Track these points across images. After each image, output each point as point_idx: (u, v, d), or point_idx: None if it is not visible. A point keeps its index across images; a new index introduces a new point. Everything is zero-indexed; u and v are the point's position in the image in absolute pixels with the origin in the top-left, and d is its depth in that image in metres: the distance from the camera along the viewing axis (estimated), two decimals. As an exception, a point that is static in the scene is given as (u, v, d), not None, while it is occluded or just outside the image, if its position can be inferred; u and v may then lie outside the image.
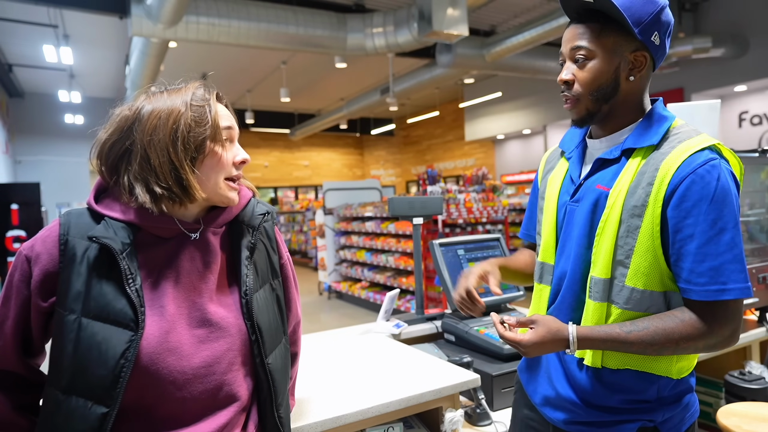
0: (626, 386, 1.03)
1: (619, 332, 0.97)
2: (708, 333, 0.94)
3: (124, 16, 5.95)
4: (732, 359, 2.05)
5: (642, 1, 0.99)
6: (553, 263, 1.15)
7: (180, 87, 0.96)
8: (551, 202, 1.16)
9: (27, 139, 11.85)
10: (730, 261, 0.93)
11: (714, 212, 0.93)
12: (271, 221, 1.08)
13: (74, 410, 0.83)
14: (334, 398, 1.37)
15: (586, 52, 1.02)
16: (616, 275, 1.01)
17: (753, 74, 7.73)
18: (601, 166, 1.08)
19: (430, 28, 5.71)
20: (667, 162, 0.97)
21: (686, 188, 0.94)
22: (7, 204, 8.70)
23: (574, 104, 1.06)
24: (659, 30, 1.00)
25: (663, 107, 1.08)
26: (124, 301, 0.86)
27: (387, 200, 4.55)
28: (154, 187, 0.89)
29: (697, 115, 2.08)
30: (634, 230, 0.99)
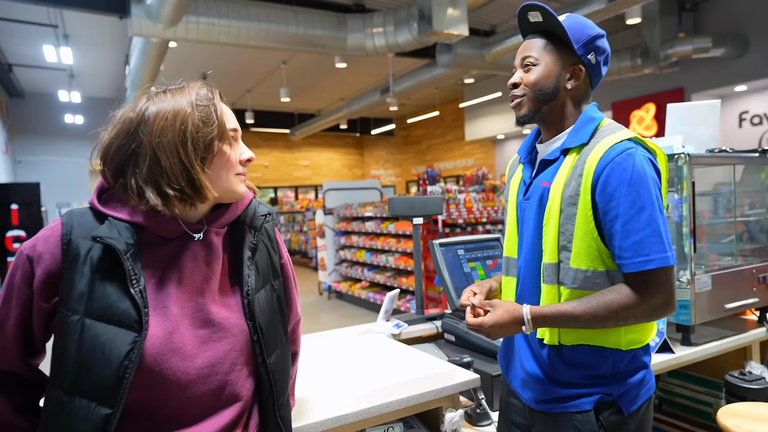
0: (584, 362, 1.16)
1: (566, 308, 1.11)
2: (642, 302, 1.08)
3: (124, 16, 5.95)
4: (732, 359, 2.05)
5: (582, 26, 1.19)
6: (516, 257, 1.29)
7: (182, 87, 0.96)
8: (512, 203, 1.32)
9: (27, 139, 11.85)
10: (650, 235, 1.07)
11: (632, 194, 1.07)
12: (271, 222, 1.09)
13: (78, 411, 0.83)
14: (334, 398, 1.37)
15: (533, 59, 1.21)
16: (562, 259, 1.15)
17: (753, 74, 7.72)
18: (544, 166, 1.24)
19: (430, 28, 5.71)
20: (592, 155, 1.13)
21: (607, 175, 1.09)
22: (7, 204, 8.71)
23: (519, 103, 1.23)
24: (596, 51, 1.20)
25: (594, 110, 1.23)
26: (128, 302, 0.86)
27: (387, 200, 4.55)
28: (166, 189, 0.88)
29: (697, 115, 2.08)
30: (572, 217, 1.13)
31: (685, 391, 2.21)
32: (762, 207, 2.29)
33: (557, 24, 1.17)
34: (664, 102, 1.55)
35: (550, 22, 1.19)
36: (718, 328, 2.00)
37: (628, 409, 1.15)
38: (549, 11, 1.17)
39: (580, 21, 1.20)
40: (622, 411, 1.15)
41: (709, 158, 1.94)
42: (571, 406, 1.17)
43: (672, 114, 2.10)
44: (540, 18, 1.19)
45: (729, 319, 2.12)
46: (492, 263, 2.12)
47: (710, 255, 2.19)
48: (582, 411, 1.15)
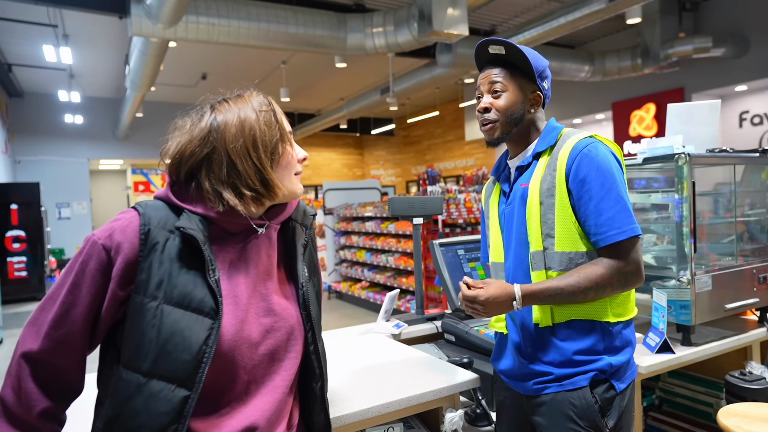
0: (578, 336, 1.28)
1: (552, 282, 1.24)
2: (617, 271, 1.23)
3: (124, 15, 5.94)
4: (732, 359, 2.05)
5: (537, 57, 1.36)
6: (502, 261, 1.42)
7: (240, 95, 1.04)
8: (494, 215, 1.46)
9: (27, 139, 11.85)
10: (620, 211, 1.23)
11: (600, 177, 1.24)
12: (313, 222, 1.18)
13: (156, 393, 0.87)
14: (334, 398, 1.37)
15: (502, 86, 1.36)
16: (546, 246, 1.29)
17: (753, 74, 7.72)
18: (521, 172, 1.39)
19: (430, 28, 5.71)
20: (562, 151, 1.30)
21: (578, 165, 1.26)
22: (7, 204, 8.72)
23: (491, 128, 1.38)
24: (546, 80, 1.39)
25: (554, 122, 1.41)
26: (205, 290, 0.92)
27: (387, 200, 4.55)
28: (243, 190, 0.96)
29: (698, 115, 2.08)
30: (552, 207, 1.28)
31: (686, 391, 2.21)
32: (762, 207, 2.29)
33: (522, 57, 1.32)
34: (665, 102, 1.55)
35: (514, 55, 1.34)
36: (719, 328, 2.00)
37: (619, 387, 1.28)
38: (513, 45, 1.31)
39: (534, 53, 1.36)
40: (615, 387, 1.27)
41: (710, 158, 1.93)
42: (567, 383, 1.27)
43: (672, 114, 2.10)
44: (503, 51, 1.34)
45: (729, 319, 2.12)
46: (492, 263, 2.12)
47: (710, 255, 2.18)
48: (578, 388, 1.26)
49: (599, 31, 9.25)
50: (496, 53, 1.36)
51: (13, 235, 8.73)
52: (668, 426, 2.22)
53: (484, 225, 1.60)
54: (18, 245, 8.75)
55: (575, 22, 6.25)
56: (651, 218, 2.26)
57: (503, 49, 1.33)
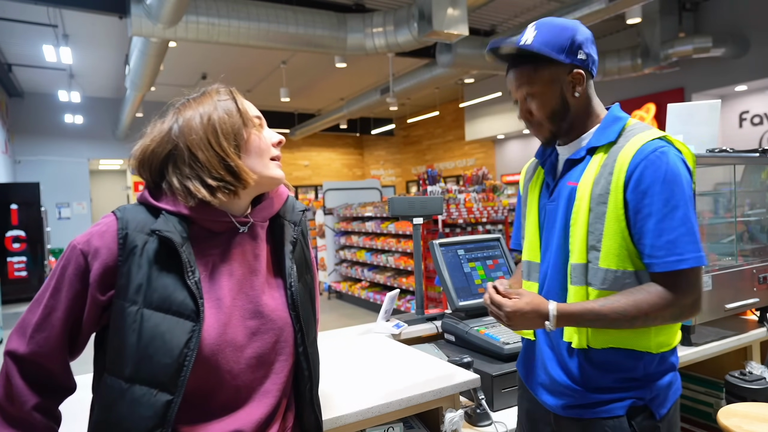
0: (615, 365, 1.13)
1: (593, 306, 1.08)
2: (672, 301, 1.05)
3: (124, 15, 5.94)
4: (732, 359, 2.04)
5: (557, 32, 1.14)
6: (538, 261, 1.26)
7: (203, 93, 1.02)
8: (533, 206, 1.30)
9: (27, 139, 11.84)
10: (684, 234, 1.05)
11: (666, 192, 1.05)
12: (305, 218, 1.14)
13: (139, 398, 0.87)
14: (334, 398, 1.37)
15: (530, 90, 1.18)
16: (590, 259, 1.13)
17: (753, 74, 7.72)
18: (570, 166, 1.21)
19: (430, 28, 5.71)
20: (623, 153, 1.10)
21: (640, 173, 1.07)
22: (7, 204, 8.71)
23: (539, 130, 1.22)
24: (582, 48, 1.15)
25: (618, 110, 1.21)
26: (185, 292, 0.90)
27: (387, 200, 4.55)
28: (209, 180, 0.94)
29: (698, 115, 2.08)
30: (602, 216, 1.11)
31: (686, 391, 2.21)
32: (762, 207, 2.29)
33: (532, 54, 1.15)
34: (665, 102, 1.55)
35: (524, 51, 1.15)
36: (719, 328, 2.00)
37: (659, 413, 1.13)
38: (520, 47, 1.15)
39: (551, 28, 1.15)
40: (654, 415, 1.13)
41: (710, 158, 1.93)
42: (602, 411, 1.13)
43: (672, 114, 2.10)
44: (512, 50, 1.18)
45: (729, 319, 2.12)
46: (492, 263, 2.12)
47: (711, 255, 2.18)
48: (614, 416, 1.12)
49: (599, 31, 9.24)
50: (507, 53, 1.20)
51: (13, 235, 8.73)
52: (668, 426, 2.22)
53: (519, 208, 1.41)
54: (18, 245, 8.75)
55: (575, 22, 6.24)
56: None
57: (511, 48, 1.18)
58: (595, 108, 1.21)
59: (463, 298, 1.96)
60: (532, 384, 1.28)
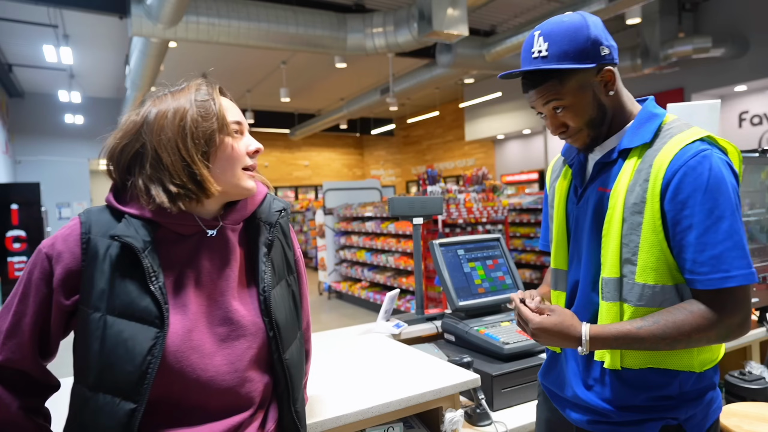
0: (648, 384, 1.04)
1: (629, 328, 0.98)
2: (718, 322, 0.95)
3: (124, 16, 5.95)
4: (732, 359, 2.05)
5: (571, 36, 1.02)
6: (566, 269, 1.18)
7: (183, 87, 0.97)
8: (559, 210, 1.20)
9: (27, 139, 11.84)
10: (731, 248, 0.94)
11: (709, 201, 0.94)
12: (286, 217, 1.09)
13: (102, 407, 0.84)
14: (334, 398, 1.37)
15: (561, 103, 1.06)
16: (625, 273, 1.03)
17: (753, 74, 7.72)
18: (600, 169, 1.10)
19: (430, 28, 5.71)
20: (659, 157, 1.00)
21: (679, 181, 0.96)
22: (7, 204, 8.71)
23: (577, 139, 1.10)
24: (601, 43, 1.04)
25: (653, 105, 1.10)
26: (148, 299, 0.87)
27: (387, 200, 4.55)
28: (169, 186, 0.89)
29: (697, 115, 2.08)
30: (637, 227, 1.01)
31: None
32: (762, 207, 2.29)
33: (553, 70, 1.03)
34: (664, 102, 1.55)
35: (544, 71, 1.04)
36: (718, 328, 2.00)
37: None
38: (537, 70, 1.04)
39: (563, 34, 1.02)
40: None
41: (709, 158, 1.93)
42: (630, 430, 1.05)
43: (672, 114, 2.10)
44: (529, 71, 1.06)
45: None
46: (492, 263, 2.12)
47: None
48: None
49: (599, 31, 9.24)
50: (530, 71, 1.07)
51: (14, 235, 8.73)
52: (668, 426, 2.22)
53: (546, 207, 1.32)
54: (18, 245, 8.75)
55: (575, 22, 6.24)
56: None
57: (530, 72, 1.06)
58: (626, 104, 1.10)
59: (463, 298, 1.96)
60: (556, 397, 1.20)
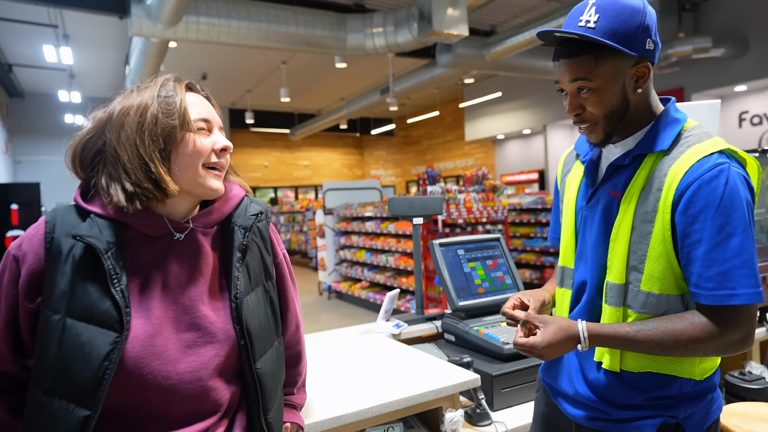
0: (648, 385, 1.04)
1: (628, 330, 0.98)
2: (717, 337, 0.95)
3: (124, 16, 5.95)
4: (732, 359, 2.05)
5: (625, 17, 0.97)
6: (572, 267, 1.17)
7: (150, 83, 0.95)
8: (569, 207, 1.18)
9: (27, 139, 11.85)
10: (739, 266, 0.93)
11: (721, 217, 0.93)
12: (264, 221, 1.05)
13: (56, 412, 0.81)
14: (334, 398, 1.37)
15: (589, 84, 1.01)
16: (630, 280, 1.02)
17: (753, 74, 7.72)
18: (614, 172, 1.08)
19: (430, 28, 5.71)
20: (675, 167, 0.97)
21: (693, 194, 0.94)
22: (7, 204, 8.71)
23: (592, 129, 1.06)
24: (650, 35, 1.00)
25: (675, 109, 1.07)
26: (108, 302, 0.84)
27: (387, 200, 4.55)
28: (126, 185, 0.87)
29: (697, 115, 2.08)
30: (646, 236, 1.00)
31: (685, 391, 2.21)
32: (762, 207, 2.29)
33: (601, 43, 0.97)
34: (664, 102, 1.55)
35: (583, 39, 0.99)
36: (718, 328, 2.00)
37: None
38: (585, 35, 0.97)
39: (618, 11, 0.97)
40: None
41: (709, 158, 1.93)
42: (629, 427, 1.05)
43: (672, 114, 2.10)
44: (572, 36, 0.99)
45: (729, 319, 2.12)
46: (492, 263, 2.12)
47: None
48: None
49: (599, 31, 9.24)
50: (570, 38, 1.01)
51: (14, 235, 8.71)
52: (668, 426, 2.22)
53: (557, 201, 1.29)
54: (18, 245, 8.75)
55: (575, 22, 6.24)
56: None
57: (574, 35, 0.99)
58: (652, 103, 1.06)
59: (463, 298, 1.96)
60: (555, 392, 1.21)
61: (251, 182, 15.06)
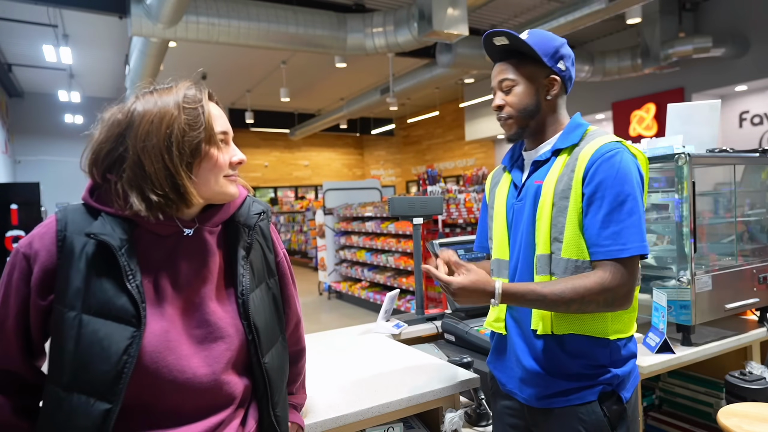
0: (582, 351, 1.21)
1: (535, 287, 1.16)
2: (607, 288, 1.13)
3: (124, 15, 5.94)
4: (732, 359, 2.04)
5: (545, 39, 1.27)
6: (507, 258, 1.34)
7: (170, 86, 0.94)
8: (501, 207, 1.37)
9: (27, 139, 11.85)
10: (629, 226, 1.14)
11: (617, 186, 1.15)
12: (266, 220, 1.08)
13: (76, 407, 0.83)
14: (334, 398, 1.37)
15: (511, 81, 1.29)
16: (553, 250, 1.22)
17: (753, 74, 7.72)
18: (537, 167, 1.31)
19: (430, 28, 5.71)
20: (583, 152, 1.22)
21: (596, 168, 1.18)
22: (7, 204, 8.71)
23: (507, 123, 1.31)
24: (563, 59, 1.28)
25: (580, 118, 1.33)
26: (124, 297, 0.86)
27: (387, 200, 4.55)
28: (150, 195, 0.87)
29: (698, 115, 2.08)
30: (564, 210, 1.20)
31: (686, 391, 2.21)
32: (762, 207, 2.29)
33: (524, 45, 1.24)
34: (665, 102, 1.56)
35: (516, 44, 1.26)
36: (719, 328, 2.00)
37: (625, 397, 1.23)
38: (514, 35, 1.24)
39: (542, 35, 1.28)
40: (621, 399, 1.22)
41: (710, 158, 1.93)
42: (574, 398, 1.21)
43: (672, 114, 2.10)
44: (506, 41, 1.26)
45: (729, 319, 2.12)
46: (492, 263, 2.12)
47: (710, 255, 2.18)
48: (586, 402, 1.20)
49: (599, 31, 9.24)
50: (502, 44, 1.28)
51: (13, 235, 8.72)
52: (668, 426, 2.22)
53: (484, 214, 1.52)
54: (18, 245, 8.75)
55: (575, 22, 6.25)
56: (651, 218, 2.26)
57: (506, 39, 1.26)
58: (560, 116, 1.33)
59: (463, 298, 1.96)
60: (506, 379, 1.34)
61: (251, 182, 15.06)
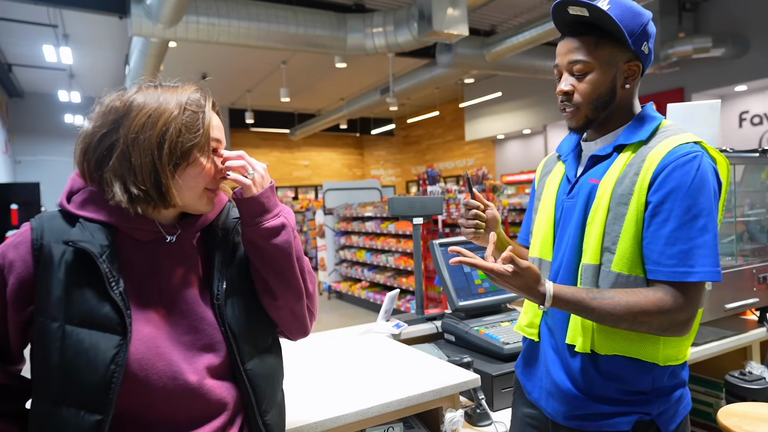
0: (621, 375, 1.07)
1: (585, 296, 1.02)
2: (666, 312, 0.99)
3: (124, 15, 5.94)
4: (732, 359, 2.05)
5: (632, 14, 1.05)
6: (550, 259, 1.19)
7: (176, 86, 0.93)
8: (549, 201, 1.22)
9: (27, 139, 11.84)
10: (700, 246, 0.98)
11: (690, 199, 0.99)
12: None
13: (66, 421, 0.81)
14: (334, 398, 1.37)
15: (585, 65, 1.08)
16: (603, 261, 1.06)
17: (753, 74, 7.72)
18: (594, 162, 1.14)
19: (430, 28, 5.71)
20: (653, 153, 1.04)
21: (667, 174, 1.00)
22: (7, 204, 8.72)
23: (574, 113, 1.12)
24: (647, 40, 1.08)
25: (653, 109, 1.15)
26: (108, 305, 0.83)
27: (387, 200, 4.55)
28: (131, 187, 0.86)
29: (698, 115, 2.08)
30: (621, 217, 1.04)
31: (686, 391, 2.21)
32: (762, 207, 2.29)
33: (609, 20, 1.02)
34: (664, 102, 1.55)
35: (599, 18, 1.04)
36: (719, 328, 2.00)
37: (667, 429, 1.08)
38: (596, 6, 1.03)
39: (626, 7, 1.05)
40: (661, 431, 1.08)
41: (710, 158, 1.93)
42: (606, 425, 1.08)
43: (672, 114, 2.10)
44: (585, 13, 1.04)
45: (729, 319, 2.12)
46: (492, 263, 2.12)
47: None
48: (618, 431, 1.07)
49: (599, 31, 9.24)
50: (577, 14, 1.06)
51: (13, 235, 8.72)
52: (668, 426, 2.22)
53: (532, 204, 1.34)
54: (18, 245, 8.73)
55: (575, 22, 6.24)
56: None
57: (585, 10, 1.04)
58: (633, 104, 1.15)
59: (463, 298, 1.96)
60: (532, 388, 1.22)
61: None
